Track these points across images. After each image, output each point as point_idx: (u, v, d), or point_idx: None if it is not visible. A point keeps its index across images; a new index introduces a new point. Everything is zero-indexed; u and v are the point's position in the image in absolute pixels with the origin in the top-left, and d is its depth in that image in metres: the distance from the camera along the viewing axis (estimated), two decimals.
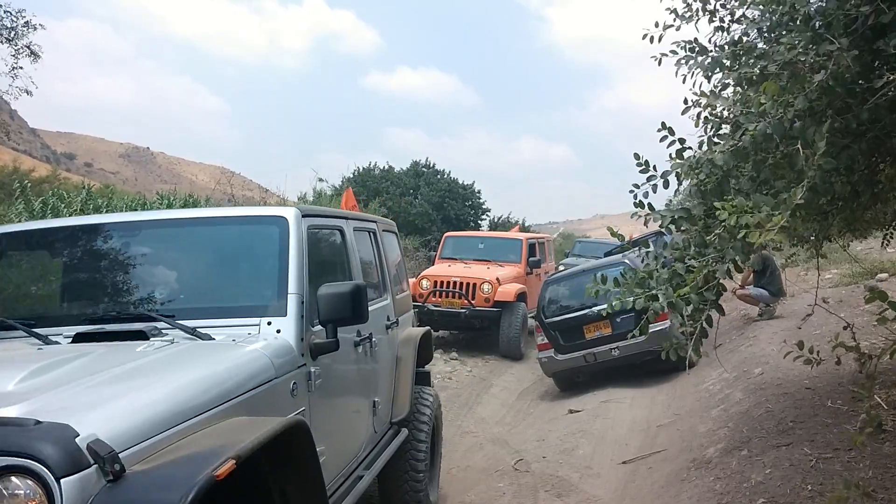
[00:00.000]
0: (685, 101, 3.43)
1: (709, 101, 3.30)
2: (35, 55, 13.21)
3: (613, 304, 3.26)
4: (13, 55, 13.04)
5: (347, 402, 3.75)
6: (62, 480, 1.63)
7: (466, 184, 28.62)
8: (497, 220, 29.36)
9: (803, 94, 2.58)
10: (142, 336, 2.84)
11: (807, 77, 2.61)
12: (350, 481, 3.60)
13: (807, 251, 6.12)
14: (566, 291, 9.20)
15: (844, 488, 2.67)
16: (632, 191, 3.27)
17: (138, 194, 15.95)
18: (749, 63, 3.12)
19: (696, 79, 3.47)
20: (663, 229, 3.18)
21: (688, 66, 3.42)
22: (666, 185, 3.22)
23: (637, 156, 3.24)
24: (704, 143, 3.24)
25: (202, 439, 2.04)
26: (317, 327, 3.12)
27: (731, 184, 3.08)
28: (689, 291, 2.91)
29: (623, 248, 8.59)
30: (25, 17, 13.02)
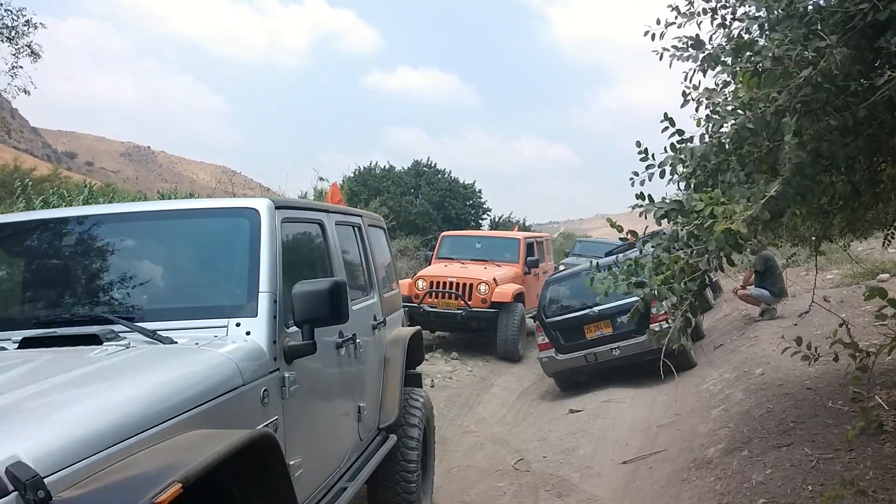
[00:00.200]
0: (683, 94, 3.48)
1: (700, 95, 3.36)
2: (35, 54, 13.21)
3: (603, 290, 3.29)
4: (13, 54, 13.05)
5: (328, 408, 3.51)
6: None
7: (467, 183, 28.64)
8: (498, 219, 29.37)
9: (787, 90, 2.59)
10: (95, 340, 2.58)
11: (792, 73, 2.62)
12: (332, 494, 3.38)
13: (807, 251, 6.11)
14: (567, 291, 9.19)
15: (841, 486, 2.67)
16: (631, 179, 3.32)
17: (139, 193, 15.96)
18: (745, 58, 3.14)
19: (691, 73, 3.52)
20: (659, 223, 3.21)
21: (681, 60, 3.46)
22: (662, 174, 3.28)
23: (638, 143, 3.33)
24: (696, 138, 3.30)
25: (149, 458, 1.82)
26: (292, 329, 2.89)
27: (720, 177, 3.12)
28: (667, 278, 2.93)
29: (623, 249, 8.59)
30: (26, 15, 13.05)
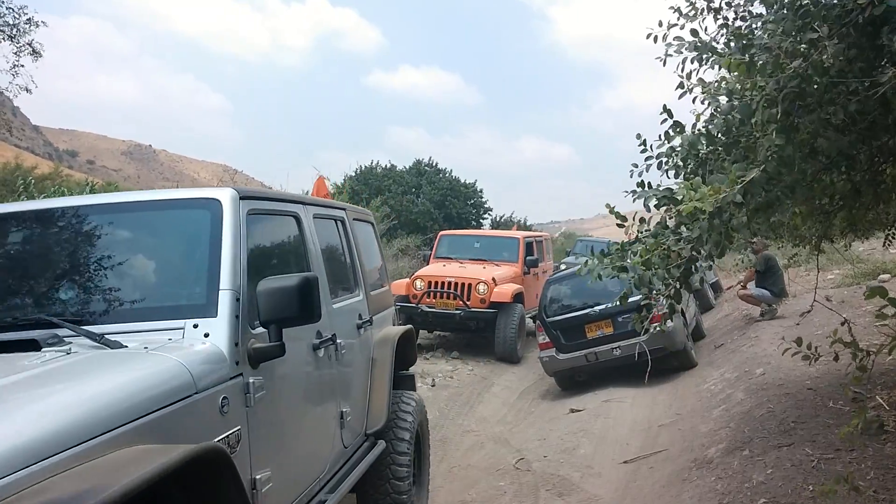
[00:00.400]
0: (681, 84, 3.51)
1: (694, 85, 3.40)
2: (37, 53, 13.18)
3: (593, 273, 3.32)
4: (15, 53, 13.04)
5: (303, 415, 3.25)
6: None
7: (468, 183, 28.65)
8: (499, 218, 29.37)
9: (775, 80, 2.58)
10: (34, 346, 2.35)
11: (783, 64, 2.62)
12: None
13: (808, 251, 6.12)
14: (568, 291, 9.20)
15: (834, 482, 2.67)
16: (631, 171, 3.36)
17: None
18: (739, 48, 3.15)
19: (683, 63, 3.55)
20: (648, 210, 3.26)
21: (676, 50, 3.48)
22: (659, 166, 3.33)
23: (639, 135, 3.40)
24: (688, 127, 3.36)
25: (66, 481, 1.61)
26: (258, 330, 2.68)
27: (708, 167, 3.15)
28: (647, 261, 2.95)
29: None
30: (27, 14, 13.03)
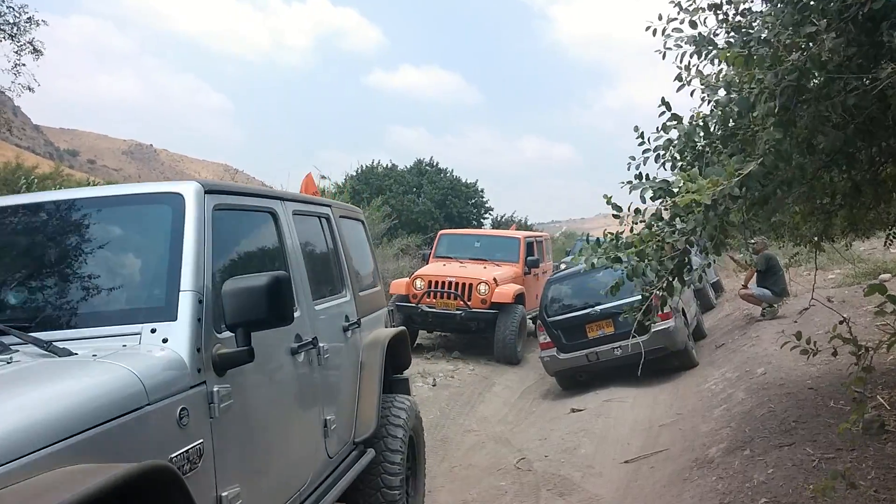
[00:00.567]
0: (679, 77, 3.50)
1: (693, 77, 3.40)
2: (37, 52, 13.16)
3: (588, 263, 3.30)
4: (16, 51, 13.03)
5: (279, 425, 3.02)
6: None
7: (469, 182, 28.65)
8: (500, 218, 29.36)
9: (773, 72, 2.58)
10: None
11: (781, 56, 2.62)
12: None
13: (808, 250, 6.12)
14: (569, 290, 9.20)
15: (831, 478, 2.66)
16: (628, 163, 3.34)
17: None
18: (738, 42, 3.16)
19: (682, 56, 3.55)
20: (643, 202, 3.26)
21: (675, 43, 3.48)
22: (656, 158, 3.32)
23: (636, 128, 3.38)
24: (686, 119, 3.35)
25: None
26: (225, 334, 2.51)
27: (705, 160, 3.15)
28: (640, 251, 2.95)
29: None
30: (28, 12, 13.00)
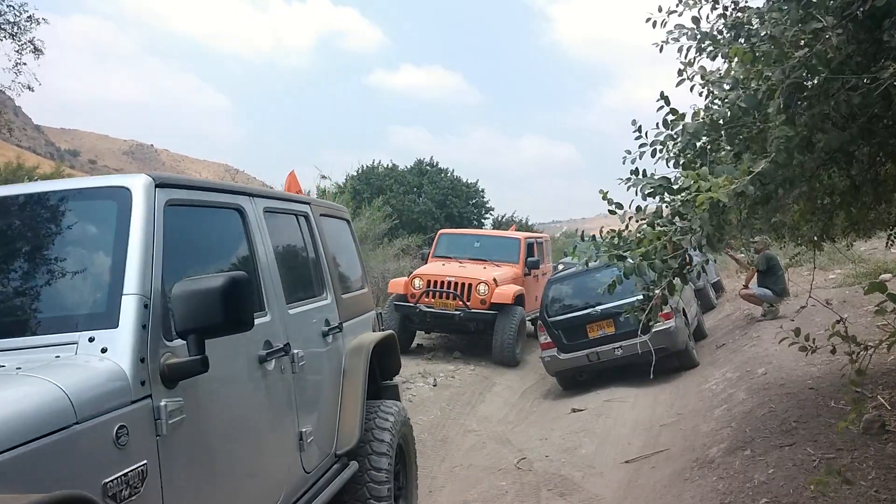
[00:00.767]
0: (679, 72, 3.48)
1: (695, 73, 3.38)
2: (38, 51, 13.16)
3: (585, 259, 3.30)
4: (16, 51, 13.03)
5: (244, 440, 2.78)
6: None
7: (470, 182, 28.63)
8: (501, 218, 29.35)
9: (780, 69, 2.57)
10: None
11: (788, 53, 2.61)
12: None
13: (810, 251, 6.12)
14: (570, 290, 9.21)
15: (826, 473, 2.65)
16: (624, 157, 3.29)
17: None
18: (744, 38, 3.14)
19: (686, 51, 3.54)
20: (644, 199, 3.21)
21: (674, 38, 3.47)
22: (653, 154, 3.26)
23: (634, 121, 3.32)
24: (688, 115, 3.29)
25: None
26: (177, 342, 2.30)
27: (708, 157, 3.12)
28: (648, 253, 2.91)
29: None
30: (28, 11, 12.99)
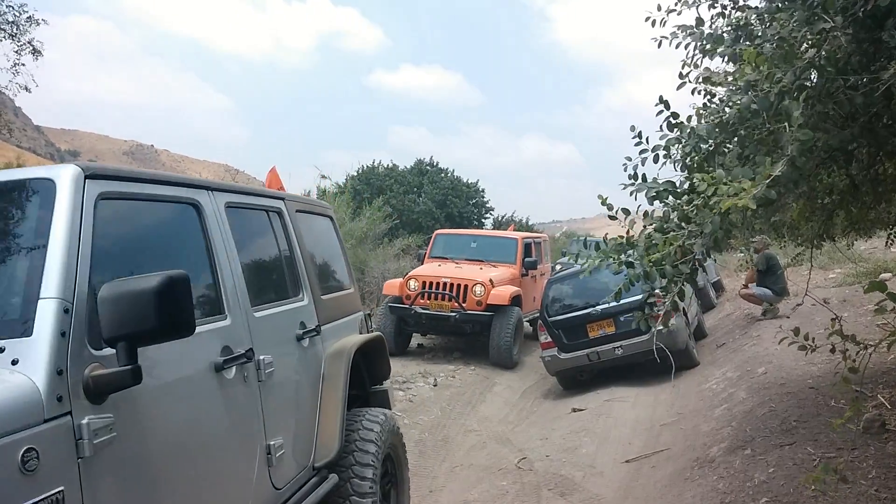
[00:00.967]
0: (680, 75, 3.46)
1: (700, 75, 3.36)
2: (37, 51, 13.14)
3: (591, 265, 3.22)
4: (16, 51, 13.01)
5: (195, 459, 2.47)
6: None
7: (470, 182, 28.65)
8: (501, 218, 29.36)
9: (791, 70, 2.57)
10: None
11: (797, 53, 2.61)
12: None
13: (810, 250, 6.12)
14: (570, 290, 9.21)
15: (822, 471, 2.65)
16: (624, 164, 3.24)
17: None
18: (746, 44, 3.14)
19: (691, 53, 3.53)
20: (651, 204, 3.16)
21: (682, 38, 3.46)
22: (655, 159, 3.20)
23: (633, 128, 3.26)
24: (694, 117, 3.25)
25: None
26: (107, 351, 2.07)
27: (717, 160, 3.10)
28: (660, 258, 2.88)
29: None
30: (27, 11, 12.97)
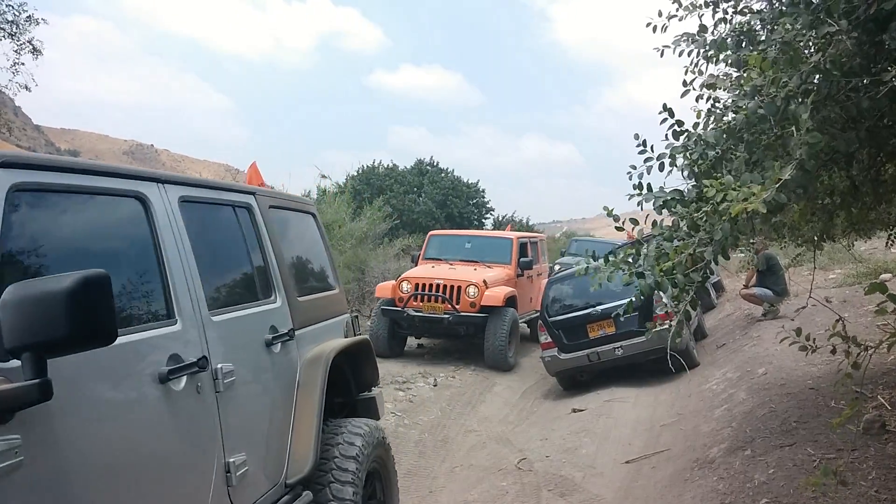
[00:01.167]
0: (684, 83, 3.46)
1: (705, 81, 3.34)
2: (37, 51, 13.15)
3: (601, 279, 3.22)
4: (15, 50, 13.02)
5: (126, 484, 2.24)
6: None
7: (470, 182, 28.67)
8: (501, 218, 29.37)
9: (798, 74, 2.57)
10: None
11: (802, 57, 2.61)
12: None
13: (811, 251, 6.12)
14: (570, 290, 9.21)
15: (822, 474, 2.65)
16: (629, 173, 3.22)
17: None
18: (749, 49, 3.13)
19: (694, 59, 3.52)
20: (659, 213, 3.14)
21: (686, 45, 3.45)
22: (661, 167, 3.19)
23: (636, 136, 3.25)
24: (700, 125, 3.24)
25: None
26: (13, 362, 1.89)
27: (725, 166, 3.09)
28: (672, 267, 2.87)
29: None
30: (27, 11, 12.96)
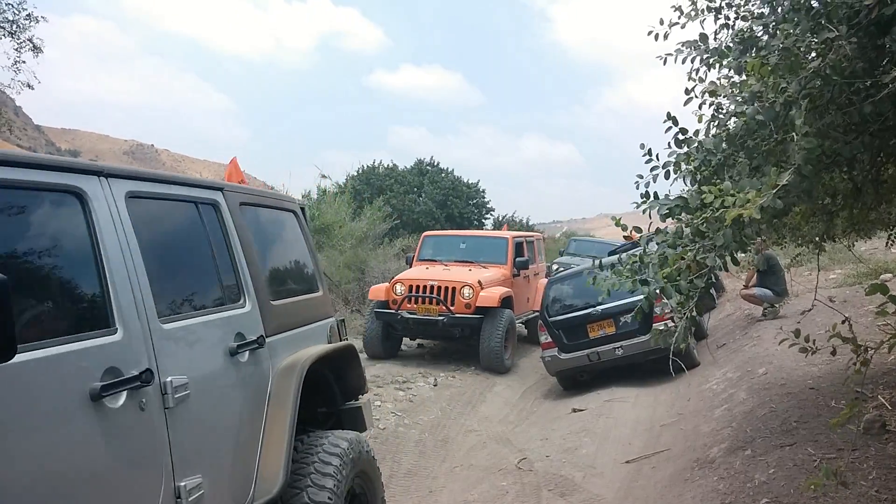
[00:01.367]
0: (686, 91, 3.46)
1: (706, 89, 3.34)
2: (37, 49, 13.18)
3: (605, 288, 3.21)
4: (15, 49, 13.04)
5: None
6: None
7: (471, 182, 28.67)
8: (501, 218, 29.37)
9: (797, 80, 2.57)
10: None
11: (802, 63, 2.61)
12: None
13: (810, 250, 6.13)
14: (570, 290, 9.21)
15: (824, 476, 2.65)
16: (636, 182, 3.22)
17: None
18: (751, 55, 3.13)
19: (696, 66, 3.53)
20: (663, 220, 3.14)
21: (687, 53, 3.45)
22: (667, 175, 3.20)
23: (642, 145, 3.25)
24: (702, 132, 3.25)
25: None
26: None
27: (726, 172, 3.09)
28: (673, 272, 2.86)
29: (626, 249, 8.58)
30: (27, 9, 12.99)
